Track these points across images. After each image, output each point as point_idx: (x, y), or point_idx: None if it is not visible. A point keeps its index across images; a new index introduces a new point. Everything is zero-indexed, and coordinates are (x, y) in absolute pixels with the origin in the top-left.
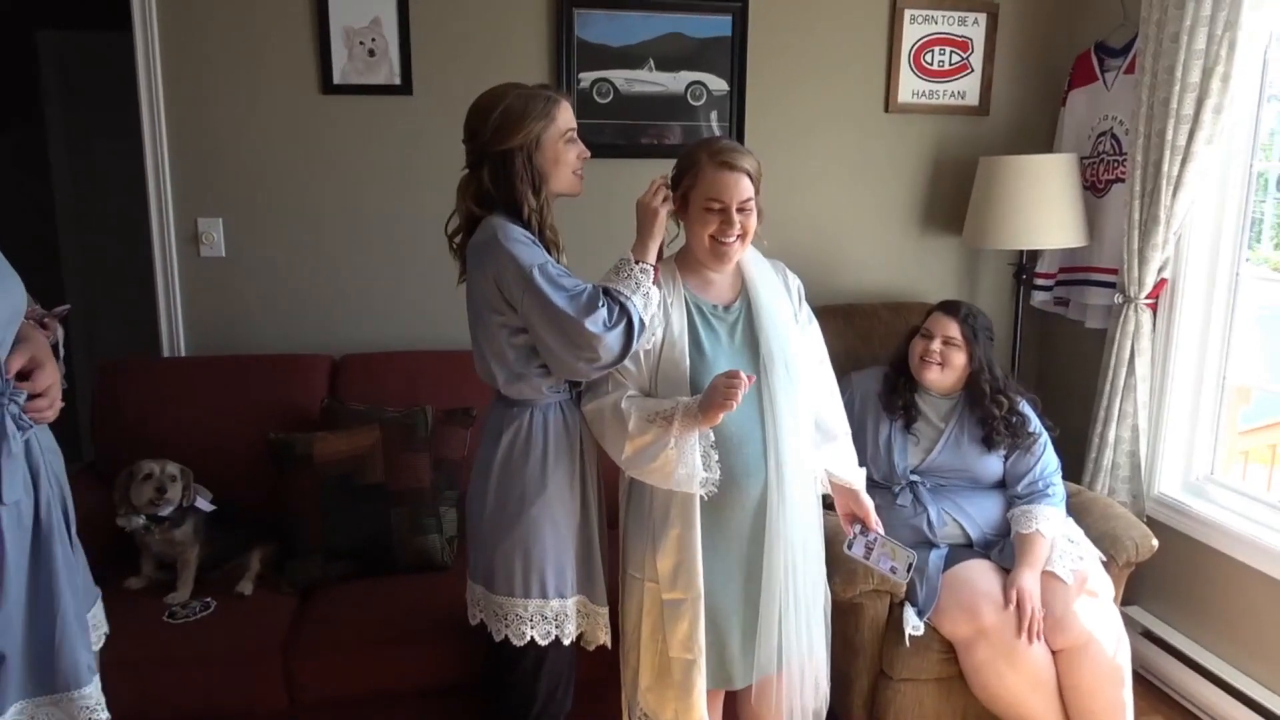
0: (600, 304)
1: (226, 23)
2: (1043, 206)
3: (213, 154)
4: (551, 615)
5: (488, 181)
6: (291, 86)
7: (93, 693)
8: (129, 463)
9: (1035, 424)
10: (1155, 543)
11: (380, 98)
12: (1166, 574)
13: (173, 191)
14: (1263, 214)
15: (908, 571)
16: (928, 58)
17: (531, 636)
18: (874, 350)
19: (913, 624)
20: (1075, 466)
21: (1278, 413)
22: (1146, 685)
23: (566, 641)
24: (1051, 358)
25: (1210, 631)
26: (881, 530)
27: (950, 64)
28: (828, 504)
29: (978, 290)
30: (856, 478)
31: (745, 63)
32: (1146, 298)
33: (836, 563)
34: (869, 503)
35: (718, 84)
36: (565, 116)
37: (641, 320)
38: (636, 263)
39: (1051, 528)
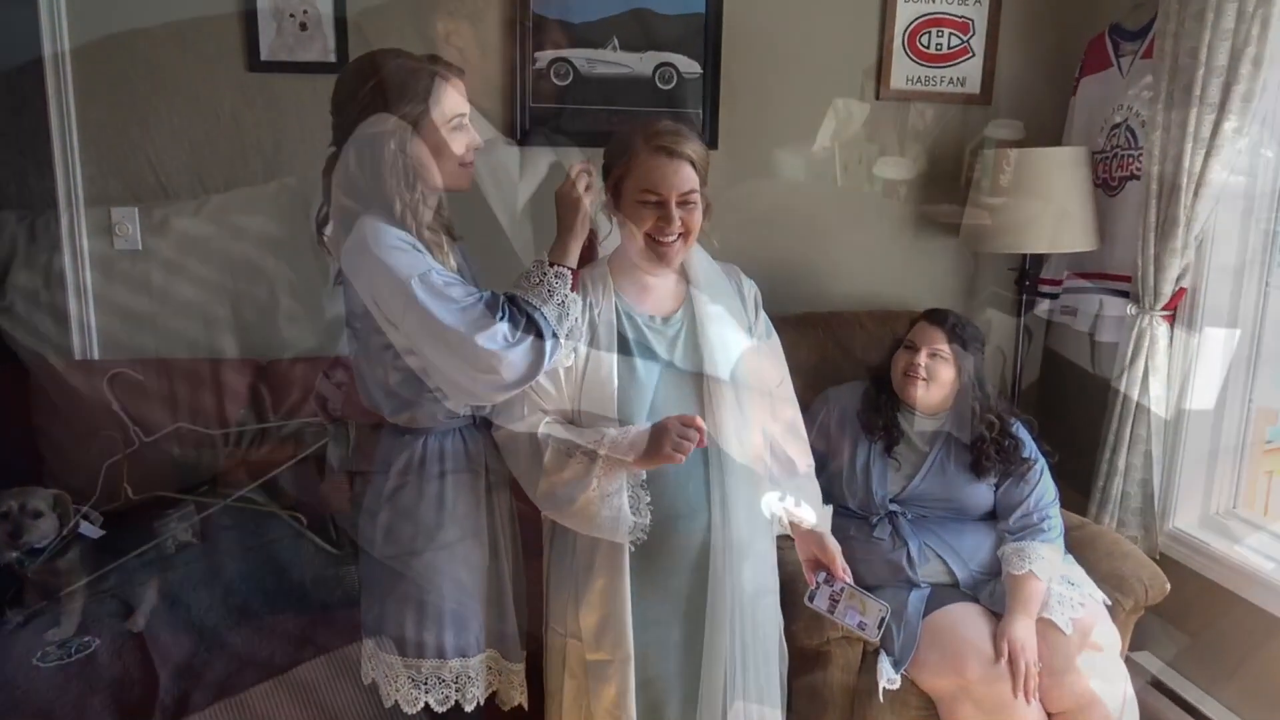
0: (499, 316)
1: None
2: (1050, 205)
3: (127, 137)
4: (450, 677)
5: (354, 166)
6: (214, 63)
7: None
8: (22, 480)
9: (1030, 449)
10: (1168, 585)
11: (314, 76)
12: (1180, 618)
13: (83, 178)
14: None
15: (879, 627)
16: (924, 40)
17: (426, 702)
18: (856, 363)
19: (888, 676)
20: (1081, 496)
21: None
22: None
23: (469, 707)
24: (1057, 373)
25: (1227, 685)
26: (849, 579)
27: (949, 47)
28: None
29: (976, 298)
30: (820, 519)
31: (720, 43)
32: (1163, 308)
33: (799, 605)
34: (835, 547)
35: (689, 66)
36: (452, 100)
37: (555, 334)
38: (551, 265)
39: (1046, 568)
